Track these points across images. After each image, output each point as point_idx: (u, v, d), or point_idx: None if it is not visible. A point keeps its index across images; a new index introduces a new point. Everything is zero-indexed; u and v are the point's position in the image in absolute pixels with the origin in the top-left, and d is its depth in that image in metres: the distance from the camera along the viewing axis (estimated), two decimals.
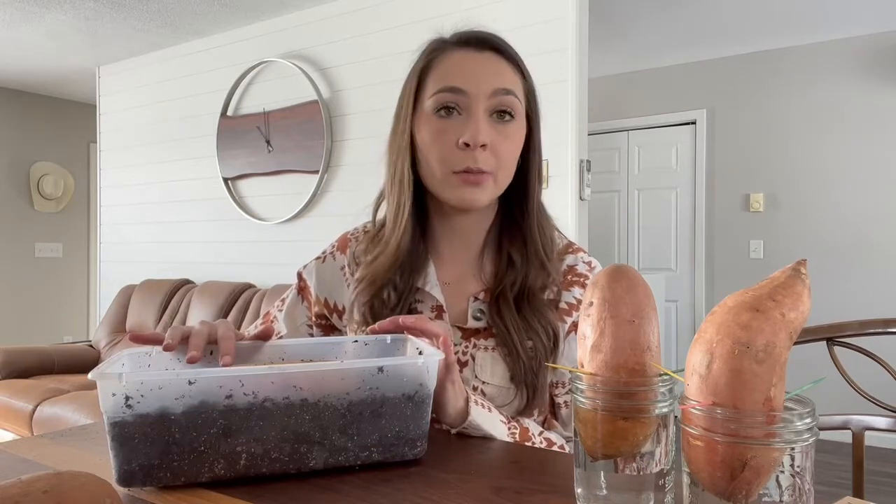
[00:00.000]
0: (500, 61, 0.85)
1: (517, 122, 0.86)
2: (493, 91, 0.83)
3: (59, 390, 3.11)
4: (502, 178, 0.86)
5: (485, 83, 0.83)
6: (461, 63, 0.84)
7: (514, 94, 0.84)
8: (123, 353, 0.67)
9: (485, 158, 0.82)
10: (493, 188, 0.85)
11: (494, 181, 0.85)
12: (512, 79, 0.85)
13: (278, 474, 0.60)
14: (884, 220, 3.77)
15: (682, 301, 4.42)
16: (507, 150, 0.84)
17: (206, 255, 3.79)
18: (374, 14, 3.13)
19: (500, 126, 0.84)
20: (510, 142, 0.85)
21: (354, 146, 3.20)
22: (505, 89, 0.83)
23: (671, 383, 0.48)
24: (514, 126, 0.85)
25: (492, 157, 0.83)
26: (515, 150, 0.86)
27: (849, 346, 0.98)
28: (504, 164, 0.85)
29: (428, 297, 0.90)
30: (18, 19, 3.50)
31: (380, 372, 0.62)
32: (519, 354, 0.83)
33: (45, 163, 5.33)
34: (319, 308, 0.97)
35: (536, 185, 0.90)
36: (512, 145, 0.85)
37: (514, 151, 0.86)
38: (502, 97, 0.83)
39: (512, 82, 0.85)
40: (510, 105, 0.84)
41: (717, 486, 0.40)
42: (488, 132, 0.82)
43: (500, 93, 0.83)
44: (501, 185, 0.87)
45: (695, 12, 3.49)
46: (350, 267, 0.96)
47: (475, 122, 0.82)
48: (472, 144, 0.81)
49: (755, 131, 4.15)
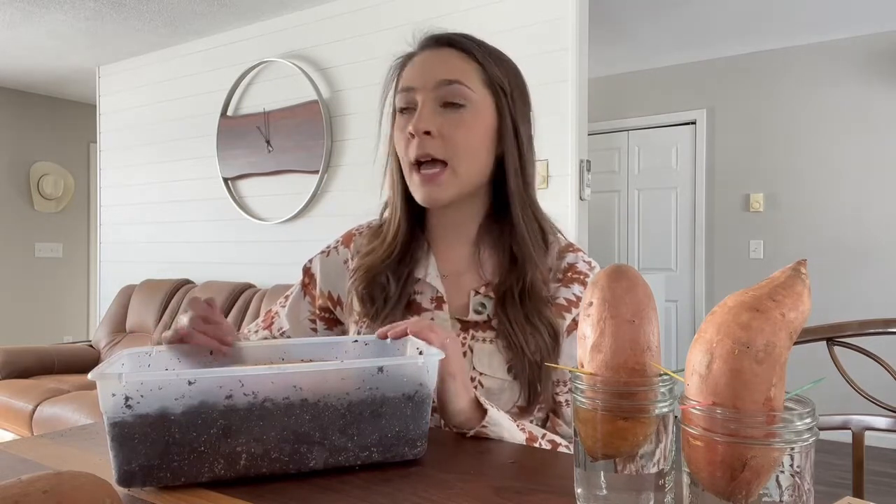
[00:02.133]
0: (452, 54, 0.88)
1: (470, 110, 0.86)
2: (437, 82, 0.86)
3: (59, 390, 3.11)
4: (462, 167, 0.86)
5: (430, 77, 0.86)
6: (418, 64, 0.89)
7: (461, 83, 0.86)
8: (123, 353, 0.67)
9: (433, 145, 0.85)
10: (454, 180, 0.86)
11: (453, 172, 0.86)
12: (460, 68, 0.87)
13: (278, 474, 0.60)
14: (884, 219, 3.77)
15: (682, 301, 4.42)
16: (459, 136, 0.85)
17: (206, 255, 3.79)
18: (374, 14, 3.13)
19: (451, 114, 0.86)
20: (462, 129, 0.86)
21: (354, 146, 3.20)
22: (448, 80, 0.85)
23: (671, 383, 0.48)
24: (465, 113, 0.86)
25: (442, 144, 0.85)
26: (471, 136, 0.87)
27: (849, 346, 0.98)
28: (460, 152, 0.86)
29: (428, 287, 0.92)
30: (18, 19, 3.50)
31: (380, 372, 0.62)
32: (523, 352, 0.84)
33: (45, 163, 5.33)
34: (324, 301, 0.99)
35: (514, 175, 0.90)
36: (465, 132, 0.86)
37: (470, 138, 0.86)
38: (446, 87, 0.85)
39: (459, 72, 0.86)
40: (457, 94, 0.86)
41: (717, 486, 0.40)
42: (433, 120, 0.85)
43: (444, 83, 0.86)
44: (464, 175, 0.87)
45: (695, 12, 3.49)
46: (352, 261, 0.98)
47: (419, 113, 0.86)
48: (415, 133, 0.85)
49: (755, 131, 4.15)
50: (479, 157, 0.88)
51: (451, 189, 0.87)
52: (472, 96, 0.86)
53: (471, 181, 0.88)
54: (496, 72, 0.89)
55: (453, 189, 0.87)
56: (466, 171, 0.87)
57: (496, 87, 0.89)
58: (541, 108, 2.85)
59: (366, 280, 0.91)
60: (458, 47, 0.88)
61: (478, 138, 0.87)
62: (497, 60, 0.90)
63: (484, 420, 0.73)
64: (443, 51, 0.88)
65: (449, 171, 0.86)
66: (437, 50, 0.89)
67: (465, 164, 0.87)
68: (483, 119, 0.88)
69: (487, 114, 0.88)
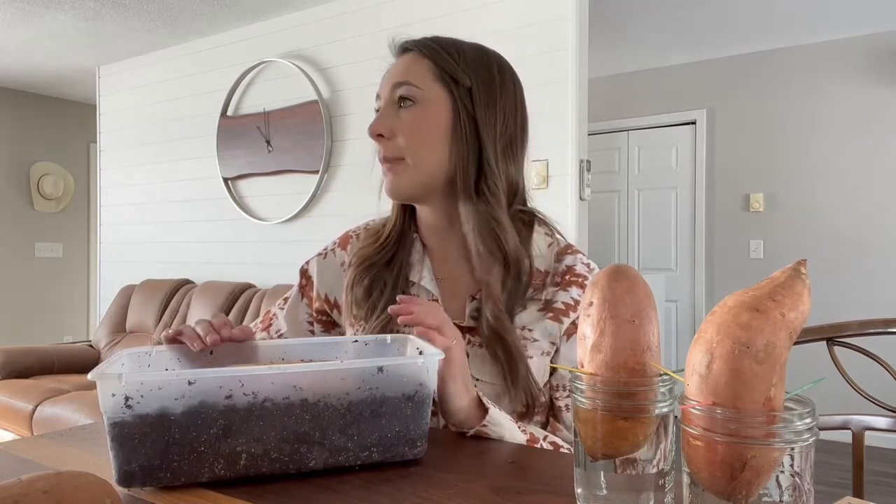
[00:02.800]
0: (407, 58, 0.91)
1: (419, 106, 0.88)
2: (391, 87, 0.89)
3: (59, 390, 3.11)
4: (416, 160, 0.88)
5: (387, 83, 0.90)
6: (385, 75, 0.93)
7: (409, 83, 0.88)
8: (123, 353, 0.67)
9: (387, 146, 0.89)
10: (413, 172, 0.88)
11: (409, 165, 0.88)
12: (411, 69, 0.89)
13: (278, 474, 0.60)
14: (884, 220, 3.77)
15: (682, 301, 4.42)
16: (407, 133, 0.88)
17: (206, 255, 3.79)
18: (374, 14, 3.13)
19: (402, 112, 0.88)
20: (410, 126, 0.88)
21: (354, 146, 3.20)
22: (398, 82, 0.88)
23: (671, 383, 0.48)
24: (413, 110, 0.88)
25: (394, 143, 0.88)
26: (420, 131, 0.88)
27: (849, 346, 0.98)
28: (411, 147, 0.88)
29: (423, 291, 0.92)
30: (18, 19, 3.50)
31: (380, 372, 0.62)
32: (513, 357, 0.83)
33: (45, 163, 5.33)
34: (321, 304, 0.99)
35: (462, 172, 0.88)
36: (414, 129, 0.88)
37: (420, 133, 0.88)
38: (397, 89, 0.89)
39: (408, 73, 0.89)
40: (404, 93, 0.88)
41: (717, 486, 0.40)
42: (385, 123, 0.88)
43: (396, 86, 0.89)
44: (423, 169, 0.88)
45: (694, 12, 3.49)
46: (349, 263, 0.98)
47: (375, 118, 0.90)
48: (371, 136, 0.89)
49: (755, 131, 4.15)
50: (436, 151, 0.88)
51: (408, 179, 0.89)
52: (420, 93, 0.88)
53: (428, 175, 0.89)
54: (451, 66, 0.88)
55: (409, 180, 0.89)
56: (422, 164, 0.88)
57: (447, 81, 0.88)
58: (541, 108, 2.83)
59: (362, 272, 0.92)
60: (414, 50, 0.91)
61: (429, 132, 0.88)
62: (455, 54, 0.89)
63: (484, 419, 0.73)
64: (403, 57, 0.92)
65: (404, 163, 0.88)
66: (400, 57, 0.92)
67: (419, 157, 0.88)
68: (434, 113, 0.88)
69: (441, 108, 0.88)
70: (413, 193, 0.90)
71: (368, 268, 0.92)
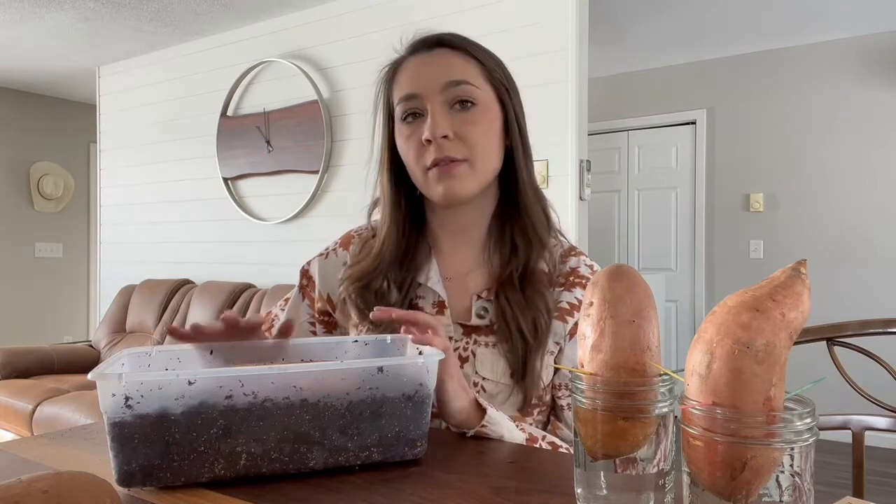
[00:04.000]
0: (449, 54, 0.88)
1: (480, 108, 0.87)
2: (443, 85, 0.85)
3: (59, 390, 3.11)
4: (480, 164, 0.87)
5: (434, 80, 0.86)
6: (414, 69, 0.88)
7: (468, 82, 0.86)
8: (123, 353, 0.67)
9: (452, 147, 0.85)
10: (472, 175, 0.87)
11: (471, 167, 0.86)
12: (463, 68, 0.87)
13: (278, 474, 0.60)
14: (884, 220, 3.77)
15: (682, 301, 4.42)
16: (474, 135, 0.86)
17: (206, 255, 3.79)
18: (374, 14, 3.13)
19: (463, 114, 0.86)
20: (476, 126, 0.86)
21: (354, 146, 3.20)
22: (454, 81, 0.85)
23: (671, 383, 0.48)
24: (477, 112, 0.86)
25: (460, 144, 0.85)
26: (485, 133, 0.87)
27: (849, 346, 0.98)
28: (477, 150, 0.86)
29: (430, 292, 0.91)
30: (19, 19, 3.50)
31: (380, 372, 0.62)
32: (515, 338, 0.84)
33: (45, 163, 5.33)
34: (322, 304, 0.98)
35: (523, 163, 0.91)
36: (479, 129, 0.86)
37: (485, 135, 0.87)
38: (454, 88, 0.85)
39: (462, 71, 0.86)
40: (465, 93, 0.86)
41: (717, 486, 0.40)
42: (448, 123, 0.85)
43: (451, 85, 0.85)
44: (482, 172, 0.88)
45: (695, 12, 3.49)
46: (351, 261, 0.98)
47: (432, 118, 0.85)
48: (432, 138, 0.84)
49: (755, 131, 4.15)
50: (494, 153, 0.89)
51: (469, 184, 0.87)
52: (480, 94, 0.87)
53: (487, 177, 0.89)
54: (494, 68, 0.90)
55: (472, 184, 0.87)
56: (483, 167, 0.88)
57: (497, 83, 0.89)
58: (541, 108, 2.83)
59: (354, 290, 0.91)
60: (452, 46, 0.88)
61: (491, 134, 0.88)
62: (490, 56, 0.91)
63: (484, 419, 0.73)
64: (437, 52, 0.88)
65: (466, 165, 0.86)
66: (430, 53, 0.88)
67: (483, 161, 0.87)
68: (492, 115, 0.88)
69: (494, 109, 0.89)
70: (471, 197, 0.89)
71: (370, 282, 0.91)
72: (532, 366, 0.84)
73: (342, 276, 0.95)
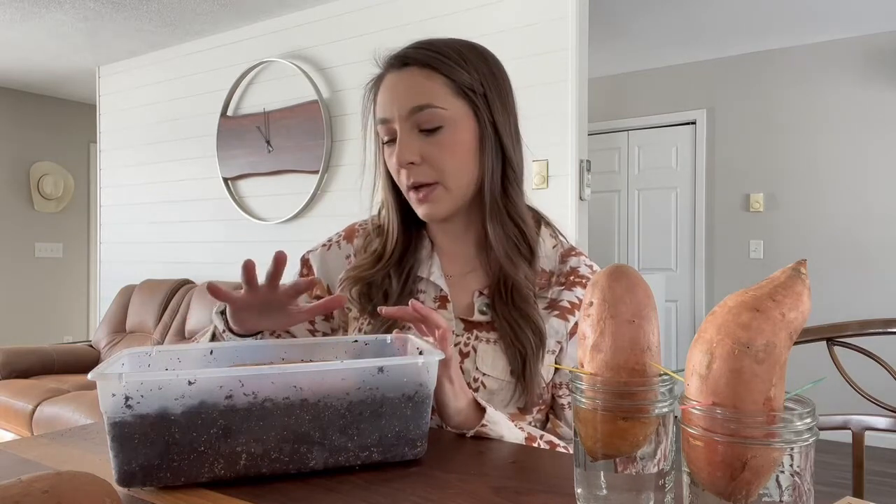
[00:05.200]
0: (415, 75, 0.85)
1: (447, 129, 0.85)
2: (408, 111, 0.85)
3: (59, 390, 3.11)
4: (452, 183, 0.86)
5: (400, 106, 0.85)
6: (386, 91, 0.88)
7: (431, 105, 0.84)
8: (123, 353, 0.67)
9: (421, 172, 0.86)
10: (447, 196, 0.87)
11: (445, 189, 0.86)
12: (427, 89, 0.84)
13: (278, 474, 0.60)
14: (884, 220, 3.77)
15: (682, 301, 4.42)
16: (441, 158, 0.85)
17: (206, 255, 3.79)
18: (374, 14, 3.13)
19: (430, 138, 0.85)
20: (444, 150, 0.85)
21: (354, 146, 3.20)
22: (418, 106, 0.84)
23: (671, 383, 0.48)
24: (443, 134, 0.85)
25: (428, 168, 0.85)
26: (455, 154, 0.86)
27: (849, 346, 0.98)
28: (446, 172, 0.86)
29: (431, 286, 0.92)
30: (18, 19, 3.50)
31: (380, 372, 0.62)
32: (515, 346, 0.84)
33: (45, 163, 5.33)
34: (322, 293, 0.98)
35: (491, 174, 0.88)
36: (446, 152, 0.85)
37: (455, 156, 0.86)
38: (418, 114, 0.84)
39: (426, 94, 0.84)
40: (429, 118, 0.84)
41: (717, 486, 0.40)
42: (415, 148, 0.85)
43: (415, 111, 0.84)
44: (456, 190, 0.87)
45: (695, 12, 3.49)
46: (354, 257, 0.98)
47: (399, 145, 0.85)
48: (399, 166, 0.86)
49: (755, 131, 4.15)
50: (468, 170, 0.88)
51: (445, 204, 0.88)
52: (446, 115, 0.85)
53: (465, 193, 0.89)
54: (464, 77, 0.86)
55: (448, 204, 0.88)
56: (458, 186, 0.87)
57: (467, 94, 0.86)
58: (541, 108, 2.82)
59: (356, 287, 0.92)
60: (419, 64, 0.85)
61: (462, 153, 0.87)
62: (462, 62, 0.86)
63: (483, 419, 0.73)
64: (405, 72, 0.86)
65: (440, 188, 0.86)
66: (399, 72, 0.86)
67: (455, 180, 0.87)
68: (463, 132, 0.86)
69: (466, 125, 0.86)
70: (450, 215, 0.90)
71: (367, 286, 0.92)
72: (534, 371, 0.84)
73: (343, 277, 0.95)
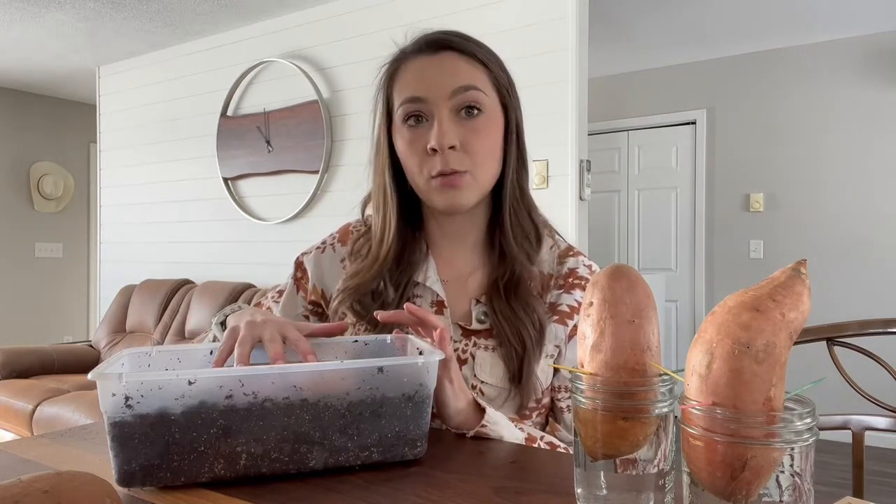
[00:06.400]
0: (457, 59, 0.85)
1: (486, 115, 0.85)
2: (451, 91, 0.83)
3: (59, 390, 3.11)
4: (482, 174, 0.85)
5: (442, 86, 0.83)
6: (419, 70, 0.85)
7: (476, 88, 0.84)
8: (123, 353, 0.67)
9: (457, 158, 0.83)
10: (475, 186, 0.85)
11: (473, 178, 0.85)
12: (471, 73, 0.84)
13: (278, 474, 0.60)
14: (884, 220, 3.77)
15: (682, 301, 4.42)
16: (479, 145, 0.84)
17: (206, 255, 3.79)
18: (374, 14, 3.13)
19: (469, 122, 0.84)
20: (481, 136, 0.84)
21: (354, 146, 3.20)
22: (463, 86, 0.83)
23: (671, 383, 0.48)
24: (482, 120, 0.84)
25: (464, 155, 0.83)
26: (489, 143, 0.86)
27: (849, 346, 0.98)
28: (480, 160, 0.85)
29: (428, 292, 0.90)
30: (18, 19, 3.50)
31: (380, 372, 0.62)
32: (513, 344, 0.83)
33: (45, 163, 5.33)
34: (316, 297, 0.98)
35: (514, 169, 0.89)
36: (484, 139, 0.85)
37: (489, 145, 0.86)
38: (462, 94, 0.83)
39: (471, 77, 0.84)
40: (473, 100, 0.83)
41: (717, 486, 0.40)
42: (455, 132, 0.83)
43: (460, 91, 0.83)
44: (483, 182, 0.86)
45: (695, 12, 3.49)
46: (348, 260, 0.96)
47: (439, 126, 0.82)
48: (439, 149, 0.82)
49: (755, 131, 4.15)
50: (495, 161, 0.87)
51: (472, 194, 0.86)
52: (487, 101, 0.85)
53: (488, 185, 0.88)
54: (499, 72, 0.88)
55: (475, 194, 0.86)
56: (485, 177, 0.86)
57: (501, 88, 0.87)
58: (541, 108, 2.82)
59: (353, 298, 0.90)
60: (460, 50, 0.85)
61: (493, 143, 0.86)
62: (494, 60, 0.88)
63: (483, 419, 0.73)
64: (444, 55, 0.85)
65: (469, 177, 0.84)
66: (436, 55, 0.85)
67: (484, 170, 0.86)
68: (496, 123, 0.87)
69: (498, 116, 0.87)
70: (472, 206, 0.88)
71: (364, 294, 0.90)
72: (529, 371, 0.84)
73: (340, 288, 0.92)
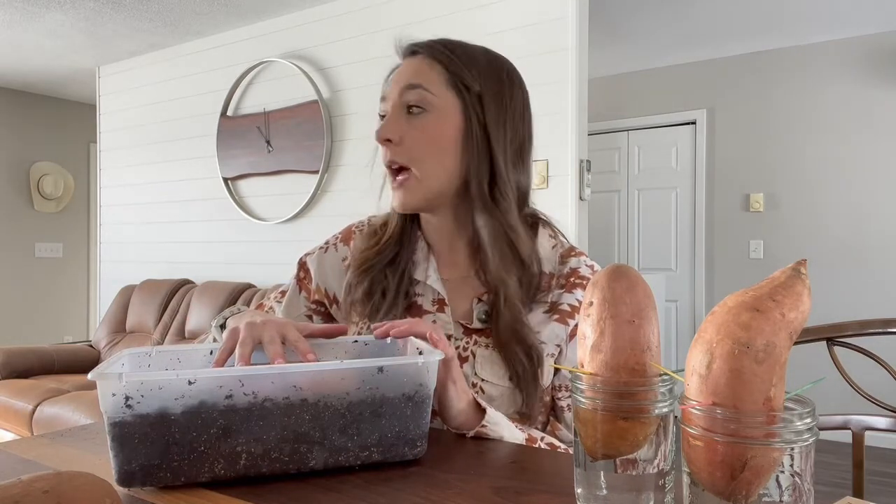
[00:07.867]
0: (419, 60, 0.87)
1: (432, 114, 0.85)
2: (400, 89, 0.86)
3: (59, 390, 3.11)
4: (423, 173, 0.85)
5: (397, 84, 0.87)
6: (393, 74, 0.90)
7: (422, 87, 0.84)
8: (123, 353, 0.67)
9: (396, 152, 0.85)
10: (418, 185, 0.85)
11: (417, 179, 0.85)
12: (423, 72, 0.85)
13: (278, 474, 0.60)
14: (883, 219, 3.77)
15: (682, 301, 4.42)
16: (417, 142, 0.84)
17: (206, 255, 3.79)
18: (374, 14, 3.13)
19: (412, 120, 0.85)
20: (423, 133, 0.84)
21: (354, 146, 3.20)
22: (409, 84, 0.85)
23: (671, 383, 0.48)
24: (425, 118, 0.85)
25: (403, 151, 0.85)
26: (432, 141, 0.85)
27: (849, 346, 0.98)
28: (417, 156, 0.85)
29: (429, 290, 0.91)
30: (18, 19, 3.50)
31: (380, 372, 0.62)
32: (519, 359, 0.83)
33: (45, 163, 5.33)
34: (320, 296, 0.98)
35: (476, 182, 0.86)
36: (425, 136, 0.84)
37: (431, 144, 0.85)
38: (408, 92, 0.85)
39: (421, 75, 0.85)
40: (416, 98, 0.84)
41: (717, 486, 0.40)
42: (395, 127, 0.85)
43: (406, 89, 0.85)
44: (429, 183, 0.86)
45: (694, 12, 3.49)
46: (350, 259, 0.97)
47: (385, 120, 0.86)
48: (378, 141, 0.86)
49: (755, 131, 4.15)
50: (444, 162, 0.85)
51: (416, 194, 0.86)
52: (434, 100, 0.84)
53: (438, 186, 0.86)
54: (462, 72, 0.86)
55: (419, 194, 0.86)
56: (430, 176, 0.85)
57: (460, 88, 0.86)
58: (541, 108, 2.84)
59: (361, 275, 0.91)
60: (425, 53, 0.87)
61: (441, 142, 0.85)
62: (467, 60, 0.86)
63: (483, 420, 0.73)
64: (412, 59, 0.88)
65: (412, 176, 0.85)
66: (408, 59, 0.89)
67: (428, 169, 0.85)
68: (447, 122, 0.85)
69: (452, 116, 0.85)
70: (422, 206, 0.88)
71: (367, 270, 0.91)
72: (530, 381, 0.84)
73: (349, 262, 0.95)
